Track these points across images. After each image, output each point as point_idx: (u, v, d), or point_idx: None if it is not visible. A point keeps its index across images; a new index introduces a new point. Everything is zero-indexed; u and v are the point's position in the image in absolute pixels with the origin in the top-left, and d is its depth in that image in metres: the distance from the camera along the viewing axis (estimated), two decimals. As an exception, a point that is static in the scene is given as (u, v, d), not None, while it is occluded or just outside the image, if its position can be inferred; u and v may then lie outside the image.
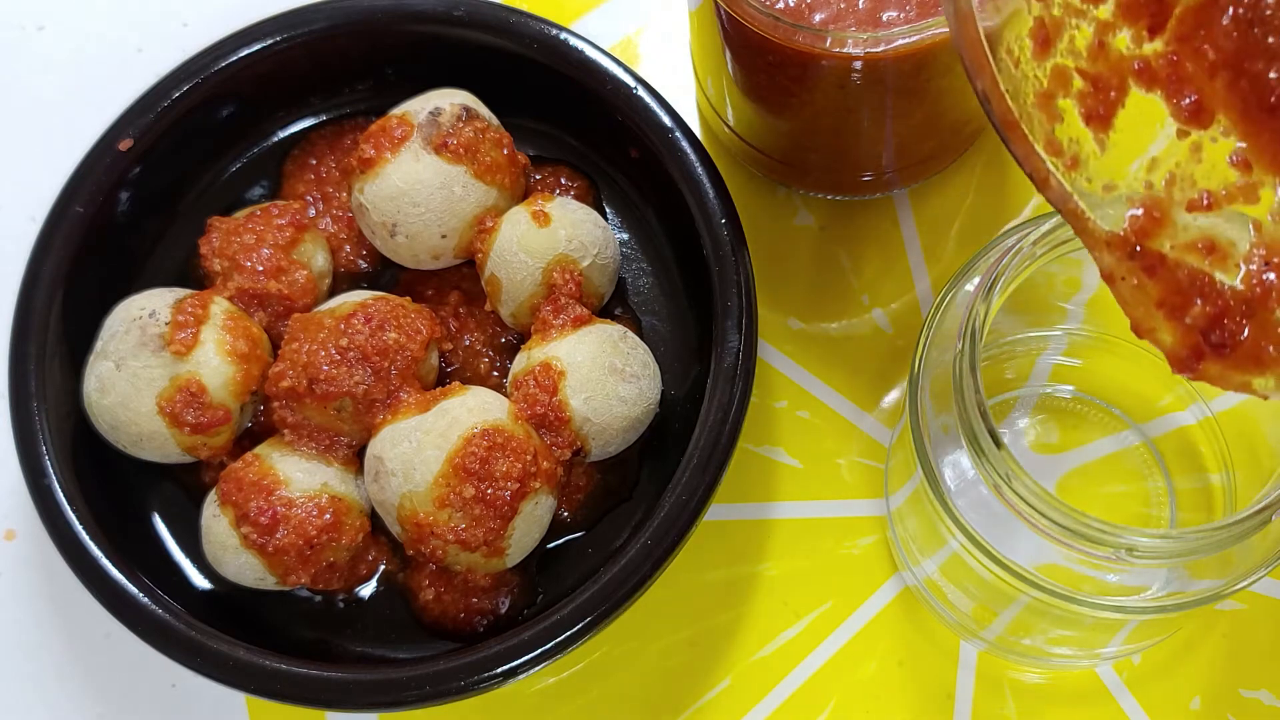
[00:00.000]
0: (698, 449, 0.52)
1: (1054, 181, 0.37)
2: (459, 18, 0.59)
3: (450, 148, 0.55)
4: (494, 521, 0.50)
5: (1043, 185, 0.38)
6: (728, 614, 0.58)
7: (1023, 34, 0.38)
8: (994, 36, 0.38)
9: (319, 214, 0.60)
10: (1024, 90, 0.38)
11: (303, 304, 0.57)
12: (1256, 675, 0.56)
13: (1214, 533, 0.41)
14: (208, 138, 0.61)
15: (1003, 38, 0.38)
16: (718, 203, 0.56)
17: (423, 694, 0.50)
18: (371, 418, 0.53)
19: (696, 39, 0.62)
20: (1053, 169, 0.37)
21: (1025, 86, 0.38)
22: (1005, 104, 0.38)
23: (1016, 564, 0.45)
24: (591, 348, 0.54)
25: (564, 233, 0.55)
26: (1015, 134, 0.38)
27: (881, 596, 0.58)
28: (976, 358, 0.43)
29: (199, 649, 0.50)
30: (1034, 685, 0.56)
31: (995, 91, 0.38)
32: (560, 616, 0.50)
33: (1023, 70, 0.38)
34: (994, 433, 0.42)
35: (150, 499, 0.57)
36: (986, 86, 0.38)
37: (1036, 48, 0.39)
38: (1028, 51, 0.39)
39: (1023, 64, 0.39)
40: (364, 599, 0.56)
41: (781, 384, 0.61)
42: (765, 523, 0.59)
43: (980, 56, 0.38)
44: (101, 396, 0.53)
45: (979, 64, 0.38)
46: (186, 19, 0.70)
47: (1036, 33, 0.38)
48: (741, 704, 0.57)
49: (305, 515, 0.52)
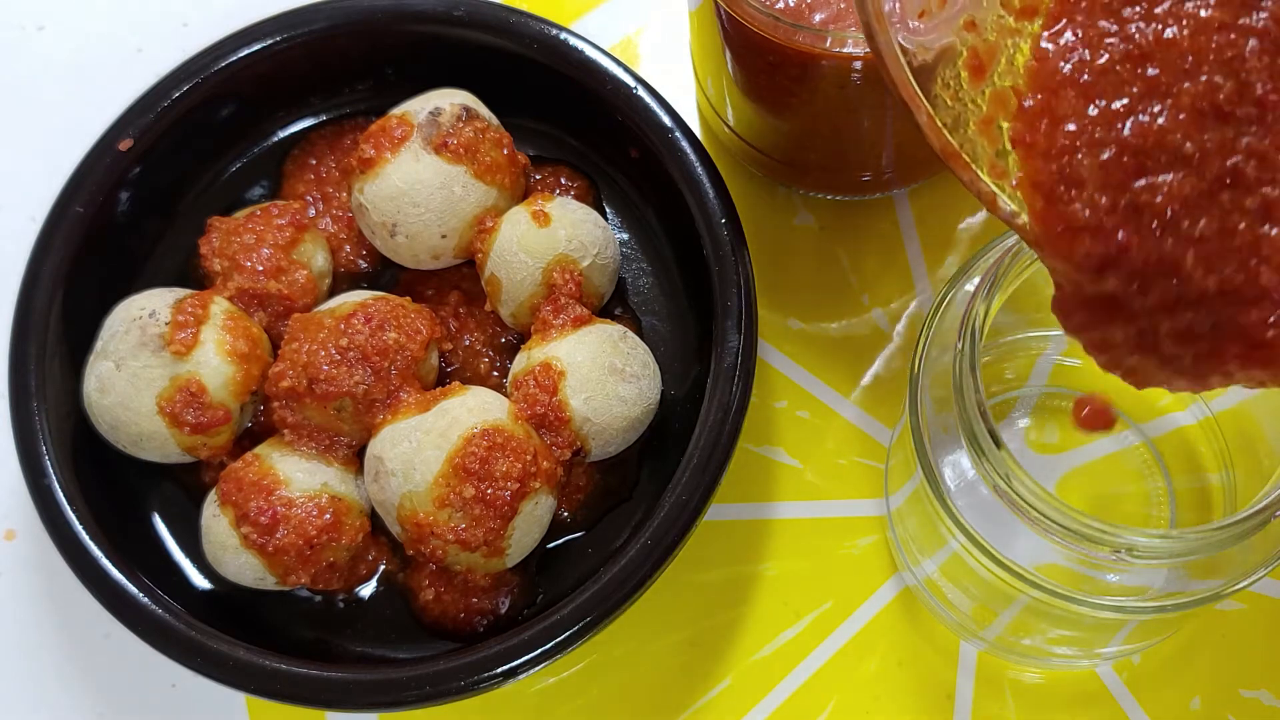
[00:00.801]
0: (698, 449, 0.52)
1: (1000, 202, 0.38)
2: (459, 18, 0.59)
3: (450, 148, 0.55)
4: (494, 521, 0.50)
5: (991, 206, 0.38)
6: (728, 614, 0.58)
7: (958, 65, 0.39)
8: (927, 71, 0.39)
9: (319, 214, 0.60)
10: (967, 118, 0.39)
11: (303, 304, 0.57)
12: (1256, 675, 0.56)
13: (1214, 533, 0.41)
14: (208, 138, 0.61)
15: (936, 72, 0.39)
16: (718, 203, 0.56)
17: (423, 694, 0.50)
18: (371, 418, 0.53)
19: (696, 39, 0.62)
20: (998, 191, 0.38)
21: (967, 115, 0.39)
22: (943, 137, 0.38)
23: (1016, 564, 0.45)
24: (591, 348, 0.54)
25: (564, 233, 0.55)
26: (957, 163, 0.38)
27: (881, 596, 0.58)
28: (976, 358, 0.43)
29: (199, 649, 0.50)
30: (1034, 685, 0.56)
31: (931, 126, 0.38)
32: (560, 616, 0.50)
33: (962, 100, 0.39)
34: (994, 433, 0.42)
35: (150, 499, 0.57)
36: (923, 122, 0.39)
37: (971, 76, 0.39)
38: (964, 82, 0.39)
39: (961, 93, 0.39)
40: (364, 599, 0.56)
41: (781, 384, 0.61)
42: (765, 523, 0.59)
43: (911, 94, 0.38)
44: (101, 396, 0.53)
45: (911, 101, 0.38)
46: (186, 19, 0.70)
47: (970, 63, 0.39)
48: (741, 704, 0.57)
49: (305, 515, 0.52)
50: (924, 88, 0.38)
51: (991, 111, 0.38)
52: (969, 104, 0.39)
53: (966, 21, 0.39)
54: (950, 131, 0.38)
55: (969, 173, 0.38)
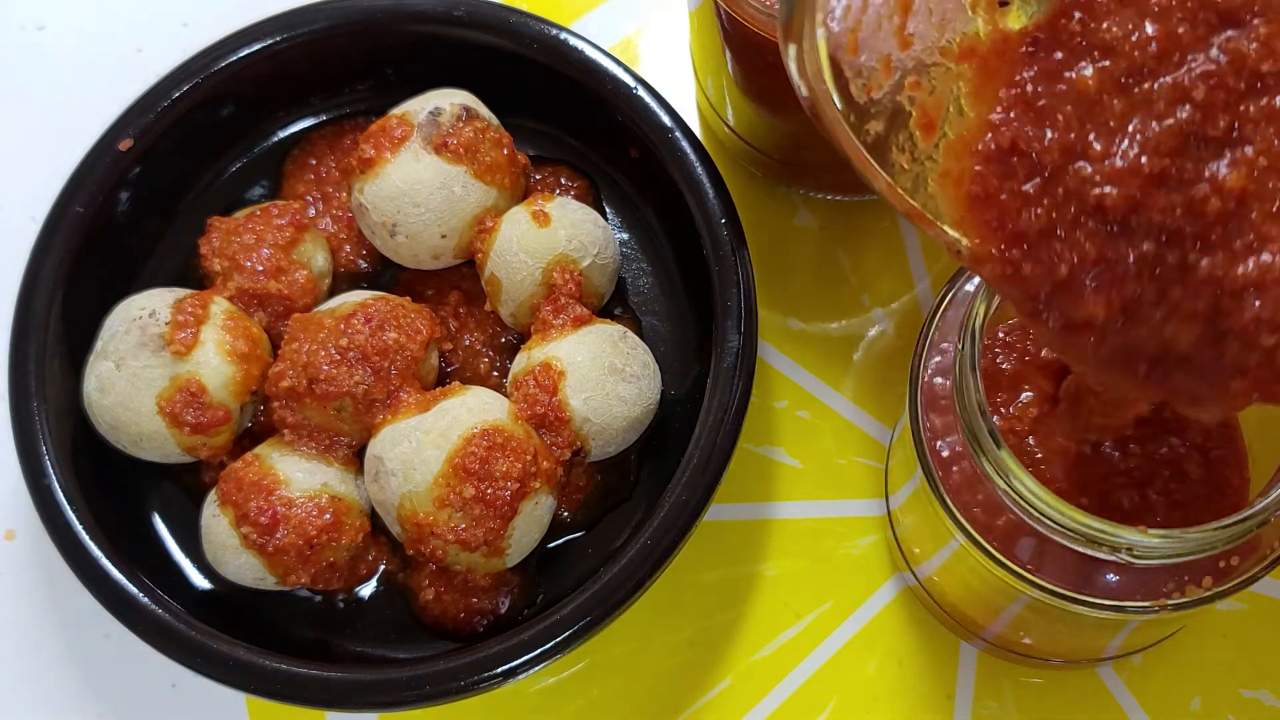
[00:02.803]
0: (698, 449, 0.52)
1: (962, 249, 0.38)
2: (459, 18, 0.59)
3: (450, 148, 0.55)
4: (494, 521, 0.50)
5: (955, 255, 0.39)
6: (728, 614, 0.58)
7: (910, 126, 0.39)
8: (881, 141, 0.39)
9: (319, 214, 0.60)
10: (925, 176, 0.39)
11: (303, 304, 0.57)
12: (1256, 675, 0.56)
13: (1214, 533, 0.41)
14: (208, 138, 0.61)
15: (890, 140, 0.39)
16: (718, 203, 0.56)
17: (423, 694, 0.50)
18: (371, 418, 0.53)
19: (696, 39, 0.62)
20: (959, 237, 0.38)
21: (925, 172, 0.39)
22: (905, 202, 0.39)
23: (1016, 564, 0.45)
24: (591, 348, 0.54)
25: (564, 233, 0.55)
26: (921, 221, 0.39)
27: (881, 596, 0.58)
28: (976, 358, 0.43)
29: (199, 649, 0.50)
30: (1034, 685, 0.56)
31: (890, 192, 0.39)
32: (560, 616, 0.50)
33: (919, 159, 0.39)
34: (994, 432, 0.42)
35: (150, 499, 0.57)
36: (881, 189, 0.39)
37: (924, 135, 0.40)
38: (918, 140, 0.40)
39: (917, 153, 0.39)
40: (364, 599, 0.56)
41: (781, 384, 0.61)
42: (765, 523, 0.59)
43: (868, 167, 0.39)
44: (101, 396, 0.53)
45: (867, 172, 0.39)
46: (186, 19, 0.70)
47: (920, 121, 0.39)
48: (741, 704, 0.57)
49: (305, 515, 0.52)
50: (881, 159, 0.39)
51: (948, 164, 0.39)
52: (925, 161, 0.39)
53: (911, 82, 0.39)
54: (911, 195, 0.39)
55: (933, 229, 0.39)
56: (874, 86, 0.39)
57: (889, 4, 0.38)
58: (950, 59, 0.39)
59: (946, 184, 0.39)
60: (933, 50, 0.39)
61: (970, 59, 0.38)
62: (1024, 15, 0.38)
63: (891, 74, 0.39)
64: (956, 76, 0.39)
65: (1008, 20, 0.38)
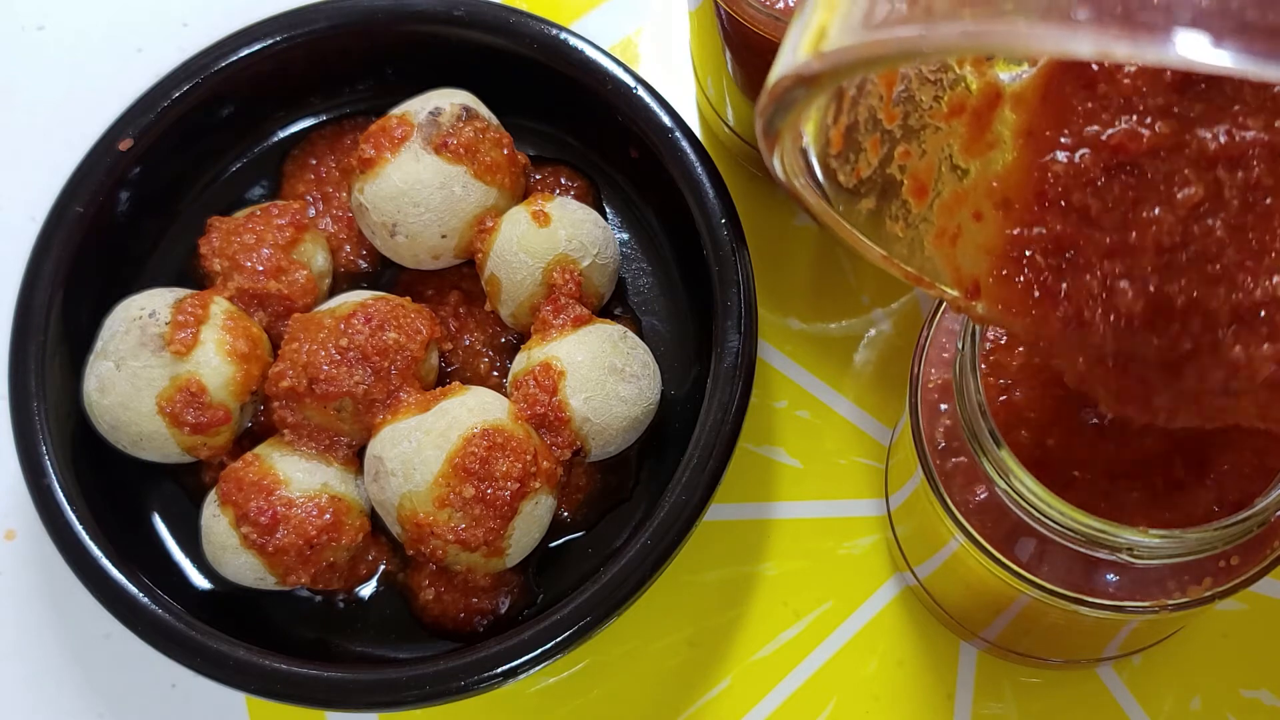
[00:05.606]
0: (698, 449, 0.52)
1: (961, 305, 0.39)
2: (459, 18, 0.59)
3: (450, 148, 0.55)
4: (494, 521, 0.50)
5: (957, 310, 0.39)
6: (728, 614, 0.58)
7: (902, 194, 0.39)
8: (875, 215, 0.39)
9: (319, 214, 0.60)
10: (921, 238, 0.39)
11: (303, 304, 0.57)
12: (1256, 675, 0.56)
13: (1214, 533, 0.41)
14: (208, 138, 0.61)
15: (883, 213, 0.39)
16: (718, 203, 0.56)
17: (423, 694, 0.50)
18: (371, 418, 0.53)
19: (696, 39, 0.62)
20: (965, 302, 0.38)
21: (921, 235, 0.39)
22: (903, 269, 0.39)
23: (1016, 564, 0.45)
24: (591, 348, 0.54)
25: (564, 233, 0.55)
26: (922, 285, 0.39)
27: (881, 596, 0.58)
28: (976, 358, 0.43)
29: (199, 649, 0.50)
30: (1034, 685, 0.56)
31: (887, 262, 0.39)
32: (560, 616, 0.50)
33: (913, 224, 0.39)
34: (994, 432, 0.42)
35: (150, 499, 0.57)
36: (876, 260, 0.39)
37: (916, 200, 0.39)
38: (912, 207, 0.40)
39: (911, 218, 0.39)
40: (364, 599, 0.56)
41: (781, 384, 0.61)
42: (765, 523, 0.59)
43: (862, 246, 0.39)
44: (101, 396, 0.53)
45: (864, 251, 0.39)
46: (186, 19, 0.70)
47: (912, 189, 0.39)
48: (741, 704, 0.57)
49: (305, 515, 0.52)
50: (875, 232, 0.39)
51: (943, 222, 0.39)
52: (919, 225, 0.39)
53: (901, 151, 0.39)
54: (908, 261, 0.39)
55: (934, 291, 0.39)
56: (863, 168, 0.38)
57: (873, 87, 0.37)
58: (939, 119, 0.39)
59: (942, 243, 0.39)
60: (921, 114, 0.39)
61: (960, 114, 0.38)
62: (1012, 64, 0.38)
63: (880, 149, 0.38)
64: (947, 135, 0.39)
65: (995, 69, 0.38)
